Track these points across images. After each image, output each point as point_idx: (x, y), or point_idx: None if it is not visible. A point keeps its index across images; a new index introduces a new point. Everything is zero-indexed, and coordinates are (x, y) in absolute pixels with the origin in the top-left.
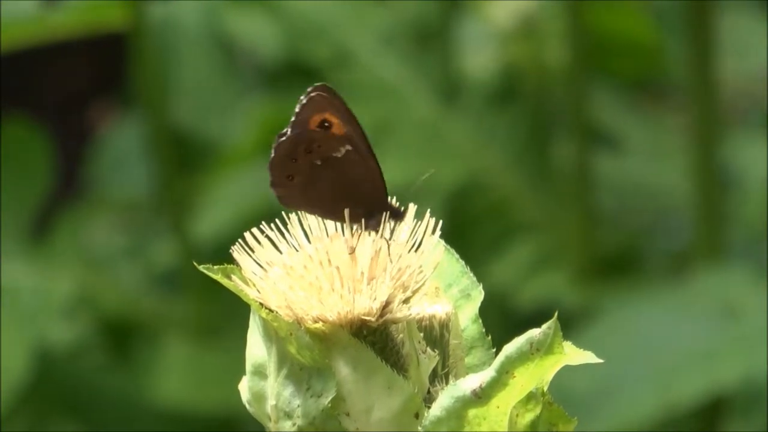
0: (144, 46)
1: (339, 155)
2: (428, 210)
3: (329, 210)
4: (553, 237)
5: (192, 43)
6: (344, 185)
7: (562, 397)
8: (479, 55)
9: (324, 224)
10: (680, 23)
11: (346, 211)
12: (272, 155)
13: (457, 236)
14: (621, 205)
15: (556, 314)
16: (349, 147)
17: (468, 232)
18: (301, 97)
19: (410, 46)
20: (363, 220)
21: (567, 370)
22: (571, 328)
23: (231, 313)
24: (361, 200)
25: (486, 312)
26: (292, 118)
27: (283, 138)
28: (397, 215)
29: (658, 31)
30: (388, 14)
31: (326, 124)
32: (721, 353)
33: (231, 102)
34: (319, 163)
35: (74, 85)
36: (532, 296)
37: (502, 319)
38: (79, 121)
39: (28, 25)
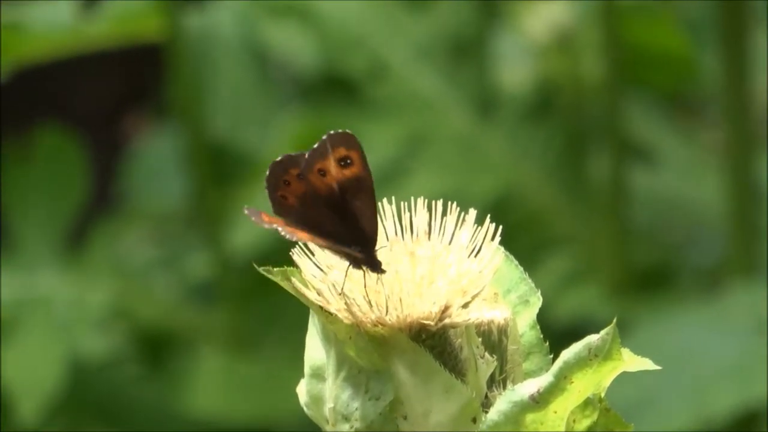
0: (180, 57)
1: (321, 194)
2: (489, 216)
3: (320, 240)
4: (588, 251)
5: (228, 55)
6: (326, 225)
7: None
8: (515, 68)
9: (384, 229)
10: (714, 38)
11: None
12: (267, 173)
13: None
14: (655, 220)
15: (614, 320)
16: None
17: (503, 245)
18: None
19: (446, 59)
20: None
21: None
22: None
23: (265, 324)
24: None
25: None
26: (315, 145)
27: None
28: (374, 268)
29: (692, 45)
30: (424, 27)
31: (348, 161)
32: (754, 367)
33: (266, 113)
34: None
35: (109, 96)
36: (566, 310)
37: None
38: (114, 132)
39: (64, 35)
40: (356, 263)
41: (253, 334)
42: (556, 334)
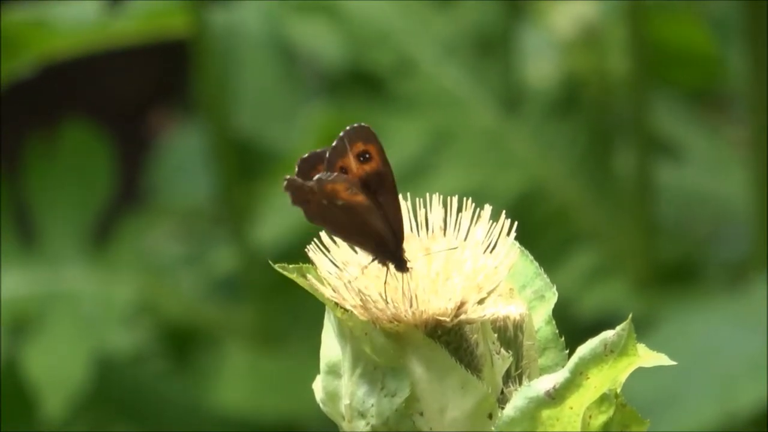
0: (205, 53)
1: (340, 203)
2: (504, 212)
3: (345, 238)
4: (614, 246)
5: (254, 50)
6: (350, 226)
7: None
8: (540, 64)
9: (401, 225)
10: (739, 35)
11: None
12: (285, 184)
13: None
14: (681, 215)
15: (630, 316)
16: (351, 202)
17: (529, 241)
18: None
19: (472, 54)
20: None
21: (629, 379)
22: None
23: (291, 320)
24: (369, 243)
25: None
26: (334, 142)
27: (289, 181)
28: (401, 266)
29: (717, 42)
30: (450, 23)
31: (367, 156)
32: None
33: (292, 109)
34: (325, 202)
35: (138, 92)
36: (592, 305)
37: (562, 328)
38: (142, 128)
39: (90, 31)
40: (382, 260)
41: (278, 330)
42: (582, 329)
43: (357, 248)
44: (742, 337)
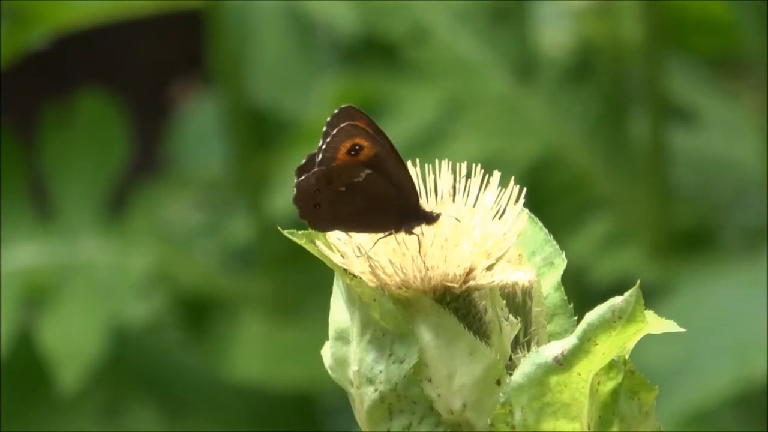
0: (221, 23)
1: (360, 179)
2: (512, 179)
3: (362, 224)
4: (629, 212)
5: (269, 20)
6: (371, 201)
7: (641, 371)
8: (555, 31)
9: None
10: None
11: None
12: (295, 192)
13: (533, 211)
14: (697, 181)
15: (638, 283)
16: (368, 171)
17: (544, 208)
18: (327, 127)
19: (486, 22)
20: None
21: (645, 344)
22: (647, 302)
23: (307, 289)
24: (392, 210)
25: (563, 286)
26: (322, 145)
27: (303, 176)
28: (429, 219)
29: (734, 7)
30: None
31: (357, 148)
32: None
33: (307, 78)
34: (342, 189)
35: (161, 62)
36: (608, 271)
37: (578, 294)
38: (160, 98)
39: (105, 2)
40: (408, 226)
41: (293, 299)
42: (597, 296)
43: (376, 230)
44: (758, 303)
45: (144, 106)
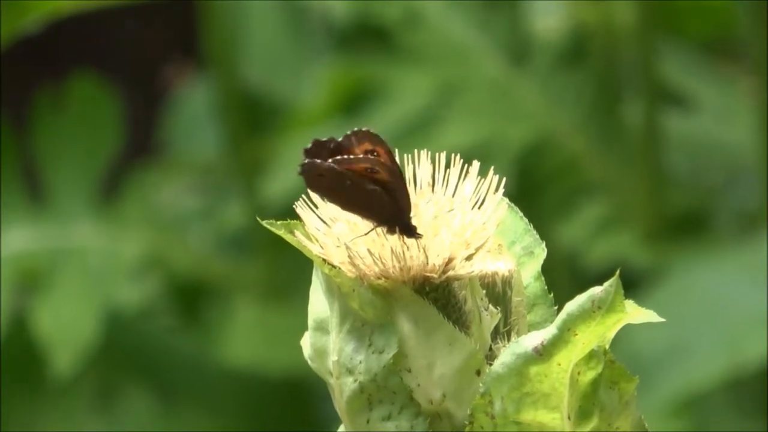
0: (214, 7)
1: (367, 188)
2: (492, 168)
3: (347, 208)
4: (623, 196)
5: (262, 4)
6: (367, 207)
7: (633, 357)
8: (548, 16)
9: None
10: None
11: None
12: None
13: (526, 196)
14: (690, 165)
15: (617, 272)
16: (377, 188)
17: (537, 192)
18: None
19: (479, 6)
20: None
21: (638, 329)
22: (640, 287)
23: (300, 274)
24: (382, 219)
25: (555, 271)
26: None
27: (315, 160)
28: (410, 233)
29: None
30: None
31: (375, 155)
32: None
33: (301, 63)
34: (348, 183)
35: (150, 46)
36: (601, 256)
37: (571, 279)
38: (154, 82)
39: None
40: (391, 230)
41: (287, 284)
42: (592, 280)
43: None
44: (751, 288)
45: (137, 90)
